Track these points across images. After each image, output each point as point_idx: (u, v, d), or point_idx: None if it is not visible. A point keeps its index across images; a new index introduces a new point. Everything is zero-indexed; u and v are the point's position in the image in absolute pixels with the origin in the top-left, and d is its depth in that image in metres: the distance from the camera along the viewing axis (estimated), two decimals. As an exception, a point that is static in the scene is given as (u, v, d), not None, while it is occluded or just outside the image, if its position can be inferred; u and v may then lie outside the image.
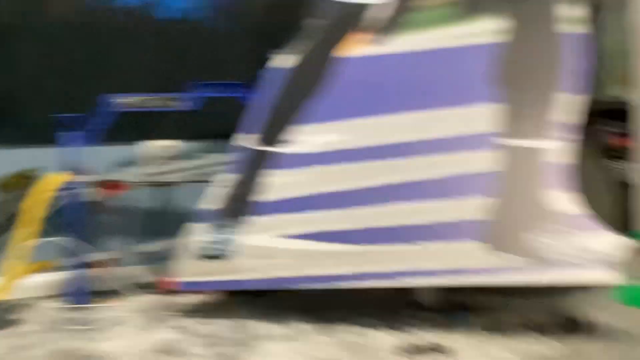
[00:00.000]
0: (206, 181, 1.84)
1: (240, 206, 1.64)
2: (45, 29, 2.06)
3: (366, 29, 1.66)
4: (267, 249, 1.55)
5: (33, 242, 1.74)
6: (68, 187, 1.83)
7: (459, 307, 1.51)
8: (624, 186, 1.64)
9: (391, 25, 1.64)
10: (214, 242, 1.61)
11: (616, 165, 1.65)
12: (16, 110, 2.04)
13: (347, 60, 1.66)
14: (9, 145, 2.00)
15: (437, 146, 1.49)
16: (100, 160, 2.00)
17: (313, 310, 1.53)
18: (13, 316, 1.63)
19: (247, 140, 1.70)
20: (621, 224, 1.49)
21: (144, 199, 2.11)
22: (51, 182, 1.80)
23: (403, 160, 1.51)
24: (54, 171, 1.82)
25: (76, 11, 2.08)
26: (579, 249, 1.33)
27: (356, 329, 1.39)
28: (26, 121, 2.05)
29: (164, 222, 2.08)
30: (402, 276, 1.40)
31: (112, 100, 1.83)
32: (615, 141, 1.66)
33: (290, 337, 1.36)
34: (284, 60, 1.73)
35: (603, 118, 1.65)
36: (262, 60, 1.82)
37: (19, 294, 1.73)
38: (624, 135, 1.65)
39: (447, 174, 1.47)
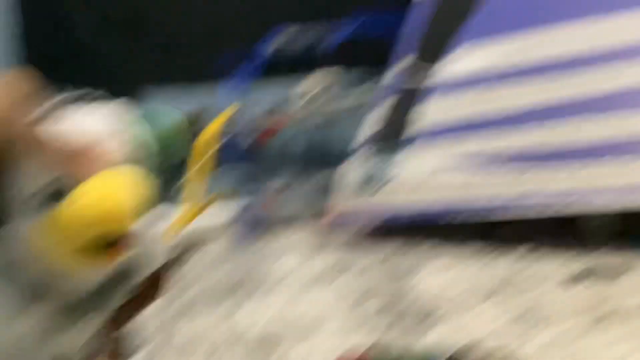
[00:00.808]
0: (366, 110, 1.84)
1: (399, 133, 1.58)
2: None
3: None
4: (427, 177, 1.47)
5: (205, 177, 1.83)
6: (234, 123, 1.91)
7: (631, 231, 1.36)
8: None
9: None
10: (374, 172, 1.57)
11: None
12: (183, 49, 2.15)
13: None
14: (178, 84, 2.12)
15: (617, 55, 1.32)
16: (264, 95, 2.09)
17: (476, 238, 1.46)
18: (197, 244, 1.73)
19: (405, 65, 1.64)
20: None
21: (306, 132, 2.16)
22: (219, 119, 1.87)
23: (577, 73, 1.36)
24: (221, 108, 1.90)
25: None
26: None
27: (522, 256, 1.31)
28: (192, 60, 2.14)
29: (325, 154, 2.13)
30: (574, 199, 1.28)
31: (275, 34, 1.89)
32: None
33: (454, 265, 1.31)
34: None
35: None
36: None
37: (196, 225, 1.83)
38: None
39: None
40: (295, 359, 0.93)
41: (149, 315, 1.08)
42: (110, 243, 0.43)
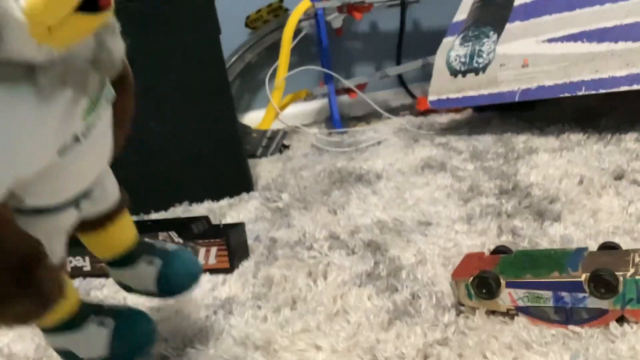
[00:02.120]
0: None
1: (492, 14, 1.50)
2: None
3: None
4: (525, 57, 1.38)
5: (287, 74, 1.80)
6: (312, 14, 1.84)
7: None
8: None
9: None
10: (467, 56, 1.50)
11: None
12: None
13: None
14: None
15: None
16: None
17: (585, 119, 1.39)
18: (286, 142, 1.74)
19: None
20: None
21: (387, 20, 2.10)
22: (297, 12, 1.81)
23: None
24: (297, 0, 1.83)
25: None
26: None
27: (638, 136, 1.21)
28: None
29: (410, 42, 2.09)
30: None
31: None
32: None
33: (564, 148, 1.22)
34: None
35: None
36: None
37: (282, 123, 1.85)
38: None
39: None
40: (421, 249, 0.87)
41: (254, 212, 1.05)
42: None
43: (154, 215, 1.22)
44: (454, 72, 1.52)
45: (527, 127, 1.45)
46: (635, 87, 1.21)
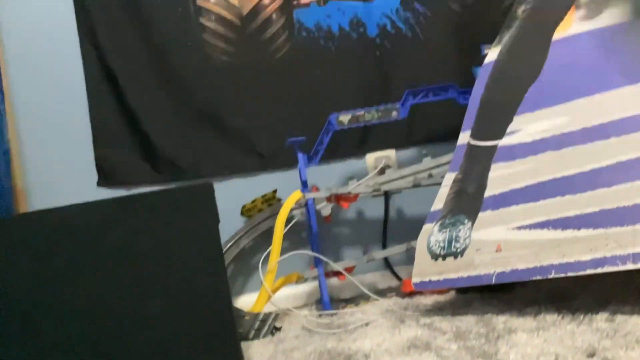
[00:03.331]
0: (431, 184, 1.95)
1: (466, 204, 1.62)
2: (266, 67, 2.27)
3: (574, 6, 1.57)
4: (498, 242, 1.48)
5: (279, 258, 1.90)
6: (303, 203, 2.01)
7: None
8: None
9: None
10: (446, 242, 1.59)
11: None
12: (250, 139, 2.26)
13: (557, 42, 1.58)
14: (247, 174, 2.25)
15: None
16: (328, 176, 2.22)
17: (559, 300, 1.47)
18: (277, 324, 1.79)
19: (465, 139, 1.70)
20: None
21: (372, 208, 2.27)
22: (289, 202, 1.97)
23: (629, 136, 1.37)
24: (289, 191, 2.00)
25: (290, 48, 2.29)
26: None
27: (609, 316, 1.29)
28: (258, 148, 2.26)
29: (394, 228, 2.24)
30: None
31: (332, 118, 1.98)
32: None
33: (541, 328, 1.30)
34: (495, 54, 1.72)
35: None
36: (475, 57, 1.91)
37: (274, 306, 1.93)
38: None
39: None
40: None
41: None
42: None
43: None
44: (435, 256, 1.63)
45: (506, 308, 1.53)
46: (599, 270, 1.31)
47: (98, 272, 1.33)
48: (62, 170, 2.17)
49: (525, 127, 1.60)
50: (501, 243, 1.51)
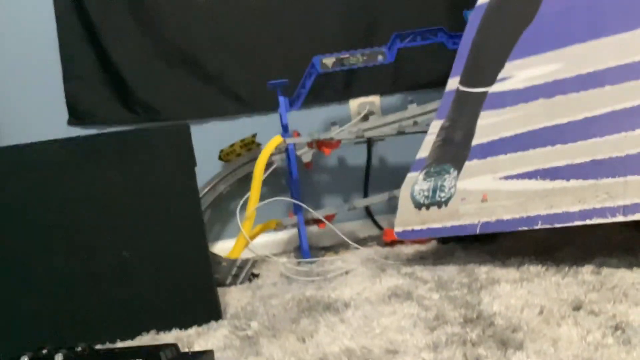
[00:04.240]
0: (416, 132, 1.89)
1: (452, 152, 1.58)
2: (247, 7, 2.18)
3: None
4: (484, 192, 1.45)
5: (257, 204, 1.85)
6: (283, 149, 1.94)
7: None
8: None
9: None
10: (430, 190, 1.56)
11: None
12: (229, 81, 2.18)
13: None
14: (226, 117, 2.18)
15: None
16: (310, 121, 2.15)
17: (544, 252, 1.44)
18: (255, 271, 1.75)
19: (453, 85, 1.65)
20: None
21: (354, 156, 2.22)
22: (268, 147, 1.90)
23: (624, 85, 1.32)
24: (269, 136, 1.93)
25: None
26: None
27: (595, 269, 1.26)
28: (236, 91, 2.18)
29: (376, 176, 2.19)
30: (637, 209, 1.20)
31: (316, 60, 1.88)
32: None
33: (525, 279, 1.26)
34: None
35: None
36: (466, 1, 1.82)
37: (252, 253, 1.89)
38: None
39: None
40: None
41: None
42: None
43: (121, 344, 1.21)
44: (418, 205, 1.59)
45: (489, 259, 1.50)
46: (587, 222, 1.29)
47: (66, 214, 1.26)
48: (31, 107, 2.08)
49: (517, 73, 1.54)
50: (487, 193, 1.48)
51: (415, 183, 1.62)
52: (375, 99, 2.21)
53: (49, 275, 1.24)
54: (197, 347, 1.12)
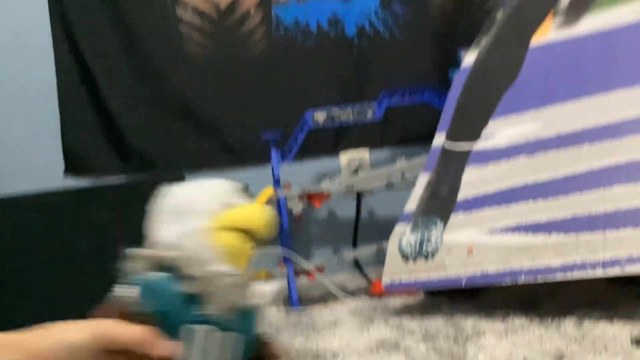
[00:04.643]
0: (405, 186, 1.92)
1: (439, 206, 1.61)
2: (243, 62, 2.25)
3: (553, 13, 1.58)
4: (469, 245, 1.49)
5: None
6: (274, 201, 1.96)
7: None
8: None
9: (579, 5, 1.55)
10: (417, 243, 1.59)
11: None
12: (223, 134, 2.22)
13: (534, 48, 1.59)
14: (219, 168, 2.20)
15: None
16: (301, 174, 2.18)
17: (528, 305, 1.47)
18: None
19: (440, 141, 1.70)
20: None
21: (344, 208, 2.24)
22: (260, 199, 1.91)
23: (602, 144, 1.38)
24: (261, 188, 1.95)
25: (268, 44, 2.27)
26: None
27: (577, 321, 1.30)
28: (230, 143, 2.22)
29: (365, 228, 2.18)
30: (616, 264, 1.25)
31: (308, 115, 1.95)
32: None
33: (510, 331, 1.30)
34: (472, 58, 1.72)
35: None
36: (452, 61, 1.89)
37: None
38: None
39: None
40: None
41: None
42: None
43: None
44: (406, 257, 1.62)
45: (475, 311, 1.53)
46: (569, 276, 1.33)
47: (63, 263, 1.29)
48: (28, 157, 2.12)
49: (500, 131, 1.61)
50: (472, 246, 1.52)
51: (403, 235, 1.66)
52: (364, 153, 2.26)
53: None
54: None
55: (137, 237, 1.37)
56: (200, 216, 0.54)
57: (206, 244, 0.53)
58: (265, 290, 0.58)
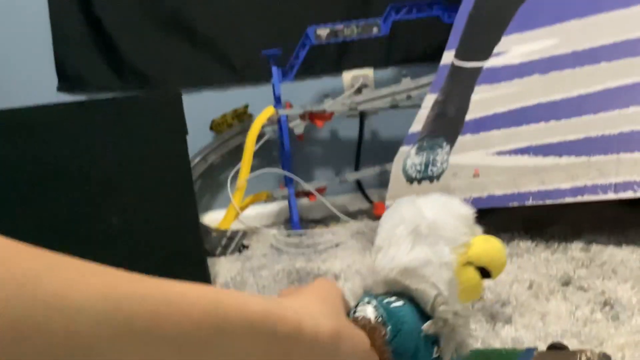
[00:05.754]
0: (409, 106, 1.87)
1: (446, 127, 1.57)
2: None
3: None
4: (476, 167, 1.45)
5: (248, 176, 1.85)
6: (275, 120, 1.91)
7: None
8: None
9: None
10: (422, 165, 1.56)
11: None
12: (221, 50, 2.12)
13: None
14: (218, 86, 2.13)
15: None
16: (302, 93, 2.11)
17: (533, 228, 1.45)
18: (245, 242, 1.75)
19: (449, 58, 1.63)
20: None
21: (346, 129, 2.18)
22: (260, 118, 1.88)
23: (620, 62, 1.32)
24: (261, 107, 1.91)
25: None
26: None
27: (584, 245, 1.27)
28: (229, 59, 2.12)
29: (368, 149, 2.16)
30: (629, 187, 1.22)
31: (310, 31, 1.86)
32: None
33: (515, 255, 1.27)
34: None
35: None
36: None
37: (242, 224, 1.89)
38: None
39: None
40: None
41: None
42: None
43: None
44: (410, 179, 1.59)
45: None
46: (579, 199, 1.29)
47: (54, 178, 1.25)
48: (20, 73, 2.05)
49: (513, 48, 1.53)
50: (479, 168, 1.48)
51: (408, 157, 1.62)
52: (368, 72, 2.18)
53: (36, 238, 1.23)
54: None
55: (130, 153, 1.32)
56: (449, 244, 0.51)
57: (454, 280, 0.49)
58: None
